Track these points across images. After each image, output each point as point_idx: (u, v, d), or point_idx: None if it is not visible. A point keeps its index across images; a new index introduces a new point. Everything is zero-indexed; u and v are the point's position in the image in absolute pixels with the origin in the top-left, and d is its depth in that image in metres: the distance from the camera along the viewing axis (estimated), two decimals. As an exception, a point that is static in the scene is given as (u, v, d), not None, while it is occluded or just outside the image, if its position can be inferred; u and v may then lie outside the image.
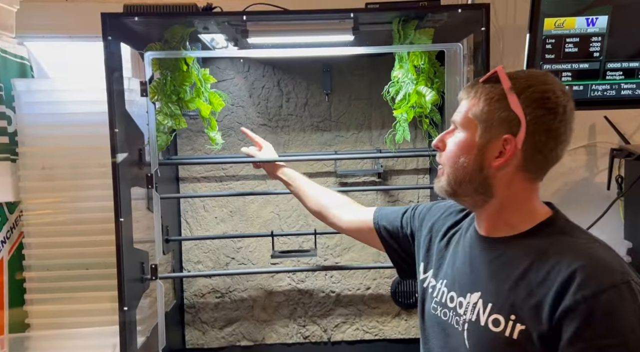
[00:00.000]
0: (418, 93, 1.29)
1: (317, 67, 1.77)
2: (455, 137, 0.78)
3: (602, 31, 1.50)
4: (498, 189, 0.76)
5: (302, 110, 1.79)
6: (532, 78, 0.74)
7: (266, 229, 1.79)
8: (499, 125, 0.73)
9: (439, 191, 0.81)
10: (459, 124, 0.78)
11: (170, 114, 1.30)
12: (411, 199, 1.83)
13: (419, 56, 1.28)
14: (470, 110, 0.76)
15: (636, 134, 1.80)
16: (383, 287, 1.83)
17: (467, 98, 0.78)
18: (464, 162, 0.76)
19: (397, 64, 1.34)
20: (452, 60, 1.26)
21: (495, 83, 0.74)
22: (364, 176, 1.82)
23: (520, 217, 0.76)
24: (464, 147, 0.76)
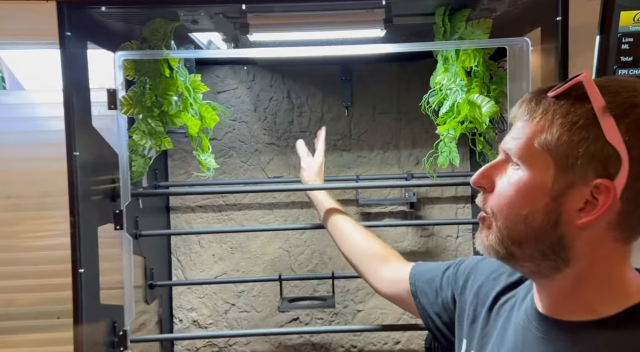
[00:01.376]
0: (470, 103, 0.98)
1: (335, 75, 1.48)
2: (511, 175, 0.55)
3: (693, 27, 1.19)
4: (578, 255, 0.53)
5: (317, 126, 1.50)
6: (635, 92, 0.51)
7: (273, 269, 1.48)
8: (586, 164, 0.50)
9: (486, 250, 0.58)
10: (517, 156, 0.54)
11: (149, 131, 1.02)
12: (449, 234, 1.51)
13: (471, 56, 0.98)
14: (536, 138, 0.52)
15: None
16: (416, 341, 1.51)
17: (529, 118, 0.54)
18: (527, 215, 0.53)
19: (441, 67, 1.04)
20: (516, 60, 0.96)
21: (578, 99, 0.51)
22: (392, 205, 1.52)
23: (605, 296, 0.53)
24: (529, 194, 0.53)
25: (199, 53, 1.15)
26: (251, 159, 1.49)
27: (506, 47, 0.96)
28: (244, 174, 1.49)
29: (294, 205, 1.50)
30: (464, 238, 1.52)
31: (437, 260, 1.51)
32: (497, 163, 0.57)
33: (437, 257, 1.51)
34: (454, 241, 1.52)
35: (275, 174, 1.49)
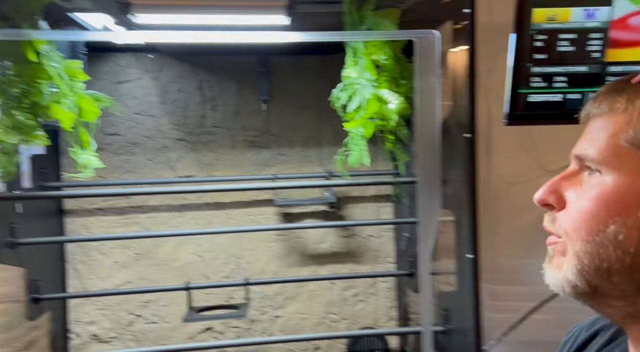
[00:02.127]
0: (379, 99, 0.92)
1: (251, 67, 1.39)
2: (592, 186, 0.42)
3: (603, 26, 1.20)
4: None
5: (233, 121, 1.40)
6: None
7: (185, 276, 1.37)
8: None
9: (559, 285, 0.43)
10: (597, 159, 0.42)
11: (16, 125, 0.88)
12: (371, 233, 1.46)
13: (380, 48, 0.92)
14: (622, 134, 0.41)
15: None
16: (336, 346, 1.45)
17: (607, 112, 0.42)
18: (616, 233, 0.40)
19: (350, 60, 0.97)
20: (424, 54, 0.90)
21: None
22: (313, 205, 1.45)
23: None
24: (617, 204, 0.40)
25: (68, 35, 1.01)
26: (158, 156, 1.37)
27: (414, 40, 0.90)
28: (150, 172, 1.36)
29: (207, 206, 1.39)
30: (386, 238, 1.47)
31: (359, 260, 1.46)
32: (569, 174, 0.45)
33: (359, 257, 1.46)
34: (375, 241, 1.47)
35: (185, 173, 1.38)
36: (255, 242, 1.42)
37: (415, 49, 0.91)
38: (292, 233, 1.43)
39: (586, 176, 0.43)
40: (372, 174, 1.37)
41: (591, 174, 0.42)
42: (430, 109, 0.90)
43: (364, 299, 1.45)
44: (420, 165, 0.94)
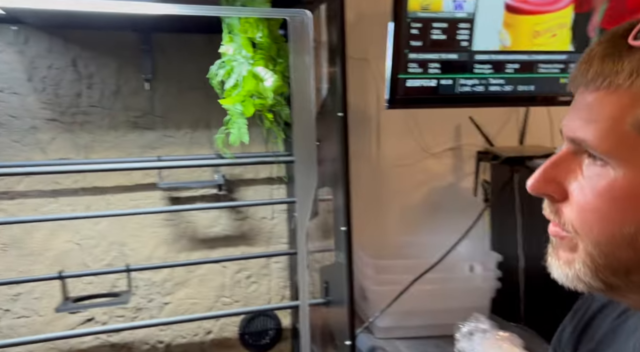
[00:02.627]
0: (255, 76, 0.92)
1: (132, 44, 1.31)
2: (596, 177, 0.38)
3: (470, 16, 1.30)
4: None
5: (112, 101, 1.32)
6: None
7: (61, 266, 1.28)
8: None
9: (571, 283, 0.41)
10: (601, 148, 0.37)
11: None
12: (264, 215, 1.47)
13: (255, 26, 0.92)
14: (627, 115, 0.35)
15: (499, 135, 1.68)
16: (229, 328, 1.45)
17: (606, 87, 0.36)
18: (635, 234, 0.36)
19: (226, 36, 0.96)
20: (298, 33, 0.92)
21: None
22: (203, 188, 1.42)
23: None
24: (632, 202, 0.36)
25: None
26: (26, 137, 1.26)
27: (287, 19, 0.92)
28: (17, 155, 1.25)
29: (84, 191, 1.31)
30: (279, 219, 1.49)
31: (252, 243, 1.47)
32: (563, 157, 0.40)
33: (252, 239, 1.46)
34: (269, 223, 1.48)
35: (58, 155, 1.28)
36: (141, 228, 1.36)
37: (289, 28, 0.93)
38: (180, 217, 1.39)
39: (586, 161, 0.39)
40: (264, 156, 1.38)
41: (592, 160, 0.38)
42: (305, 88, 0.92)
43: (257, 281, 1.46)
44: (297, 145, 0.96)
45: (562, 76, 1.38)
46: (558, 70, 1.37)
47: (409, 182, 1.66)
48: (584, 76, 0.37)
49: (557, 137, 1.70)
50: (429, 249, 1.43)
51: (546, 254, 0.46)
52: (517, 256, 1.47)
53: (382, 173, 1.64)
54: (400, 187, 1.65)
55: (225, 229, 1.44)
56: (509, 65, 1.35)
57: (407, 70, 1.31)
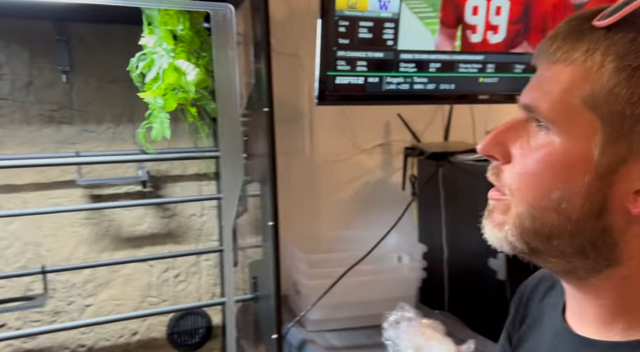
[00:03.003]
0: (176, 70, 0.90)
1: (46, 34, 1.24)
2: (540, 146, 0.40)
3: (395, 16, 1.35)
4: (628, 252, 0.40)
5: (25, 93, 1.24)
6: None
7: (-32, 270, 1.19)
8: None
9: (498, 243, 0.43)
10: (547, 115, 0.39)
11: None
12: (193, 212, 1.44)
13: (176, 18, 0.90)
14: (578, 90, 0.38)
15: (426, 132, 1.76)
16: (157, 328, 1.41)
17: (564, 60, 0.39)
18: (561, 200, 0.39)
19: (146, 28, 0.93)
20: (220, 27, 0.91)
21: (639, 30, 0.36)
22: (127, 185, 1.37)
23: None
24: (565, 169, 0.38)
25: None
26: None
27: (209, 12, 0.90)
28: None
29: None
30: (209, 216, 1.46)
31: (181, 241, 1.44)
32: (515, 124, 0.42)
33: (181, 237, 1.43)
34: (198, 220, 1.45)
35: (-37, 151, 1.19)
36: (59, 228, 1.29)
37: (212, 22, 0.92)
38: (103, 216, 1.33)
39: (534, 128, 0.41)
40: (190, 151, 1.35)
41: (539, 128, 0.40)
42: (229, 82, 0.92)
43: (186, 279, 1.43)
44: (223, 139, 0.96)
45: (480, 76, 1.47)
46: (476, 70, 1.45)
47: (341, 178, 1.69)
48: (547, 50, 0.40)
49: (478, 133, 1.80)
50: (360, 242, 1.47)
51: (468, 245, 0.49)
52: (442, 246, 1.54)
53: (315, 169, 1.66)
54: (332, 183, 1.69)
55: (152, 227, 1.40)
56: (432, 65, 1.41)
57: (336, 67, 1.33)
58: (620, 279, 0.40)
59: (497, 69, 1.45)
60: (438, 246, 1.56)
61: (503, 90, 1.48)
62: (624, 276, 0.40)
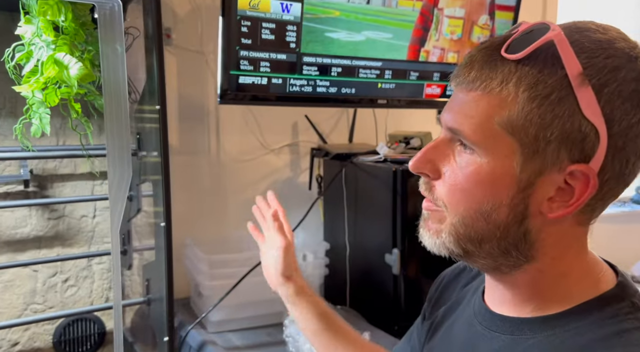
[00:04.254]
0: (57, 63, 0.85)
1: None
2: (467, 165, 0.44)
3: (297, 19, 1.38)
4: (544, 250, 0.45)
5: None
6: (611, 49, 0.41)
7: None
8: (559, 146, 0.41)
9: (436, 249, 0.48)
10: (471, 139, 0.43)
11: None
12: (84, 214, 1.36)
13: (56, 9, 0.85)
14: (496, 116, 0.42)
15: (332, 133, 1.81)
16: (41, 337, 1.31)
17: (481, 88, 0.42)
18: (490, 211, 0.44)
19: (24, 17, 0.87)
20: (107, 21, 0.87)
21: (547, 63, 0.40)
22: (7, 184, 1.26)
23: (563, 290, 0.47)
24: (492, 186, 0.43)
25: None
26: None
27: (94, 5, 0.87)
28: None
29: None
30: (102, 217, 1.39)
31: (70, 244, 1.36)
32: (440, 143, 0.46)
33: (70, 239, 1.35)
34: (90, 221, 1.38)
35: None
36: None
37: (98, 16, 0.88)
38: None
39: (458, 148, 0.46)
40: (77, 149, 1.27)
41: (463, 148, 0.45)
42: (117, 78, 0.88)
43: (76, 284, 1.35)
44: (109, 136, 0.92)
45: (379, 81, 1.55)
46: (375, 76, 1.53)
47: (248, 177, 1.69)
48: (465, 77, 0.44)
49: (380, 136, 1.89)
50: (265, 242, 1.47)
51: (368, 241, 0.54)
52: (345, 243, 1.60)
53: (222, 168, 1.64)
54: (239, 182, 1.68)
55: (37, 230, 1.30)
56: (333, 69, 1.46)
57: (239, 67, 1.33)
58: (536, 272, 0.47)
59: (394, 76, 1.54)
60: (341, 243, 1.62)
61: (401, 96, 1.57)
62: (538, 269, 0.46)
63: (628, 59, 0.41)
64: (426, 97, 1.59)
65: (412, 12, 1.47)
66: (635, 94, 0.40)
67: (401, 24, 1.48)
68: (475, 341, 0.51)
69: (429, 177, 0.48)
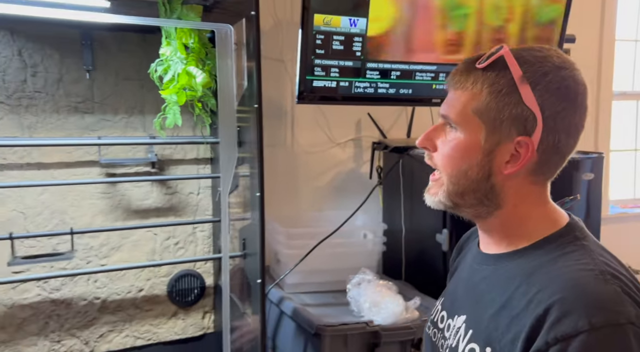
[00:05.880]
0: (188, 74, 1.18)
1: (74, 39, 1.50)
2: (451, 138, 0.65)
3: (362, 32, 1.64)
4: (507, 199, 0.64)
5: (55, 87, 1.50)
6: (545, 61, 0.61)
7: (5, 232, 1.44)
8: (510, 125, 0.61)
9: (434, 204, 0.68)
10: (454, 121, 0.64)
11: None
12: (191, 191, 1.72)
13: (188, 34, 1.18)
14: (469, 105, 0.62)
15: (392, 129, 2.04)
16: (158, 287, 1.68)
17: (461, 88, 0.63)
18: (467, 170, 0.64)
19: (165, 40, 1.21)
20: (222, 42, 1.19)
21: (501, 70, 0.61)
22: (137, 165, 1.63)
23: (522, 232, 0.65)
24: (466, 152, 0.63)
25: None
26: (-24, 117, 1.41)
27: (215, 31, 1.18)
28: (-35, 133, 1.40)
29: (29, 166, 1.48)
30: (204, 194, 1.74)
31: (180, 214, 1.71)
32: (438, 127, 0.67)
33: (180, 211, 1.70)
34: (195, 197, 1.73)
35: (5, 134, 1.44)
36: (80, 200, 1.55)
37: (216, 38, 1.20)
38: (116, 191, 1.60)
39: (448, 129, 0.64)
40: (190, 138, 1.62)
41: (451, 129, 0.64)
42: (228, 84, 1.20)
43: (184, 247, 1.71)
44: (222, 129, 1.24)
45: (434, 83, 1.77)
46: (430, 78, 1.76)
47: (317, 167, 1.98)
48: (452, 81, 0.65)
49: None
50: (332, 221, 1.75)
51: (421, 224, 0.80)
52: (401, 225, 1.83)
53: (296, 158, 1.94)
54: (310, 171, 1.97)
55: (156, 202, 1.67)
56: (393, 73, 1.71)
57: (313, 73, 1.62)
58: (504, 216, 0.65)
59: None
60: (398, 225, 1.85)
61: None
62: (505, 214, 0.65)
63: (557, 68, 0.61)
64: (476, 96, 1.79)
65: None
66: (559, 90, 0.60)
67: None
68: (471, 275, 0.70)
69: (429, 150, 0.68)
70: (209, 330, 1.75)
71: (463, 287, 0.72)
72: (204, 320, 1.75)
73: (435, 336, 0.74)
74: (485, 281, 0.66)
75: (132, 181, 1.58)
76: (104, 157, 1.54)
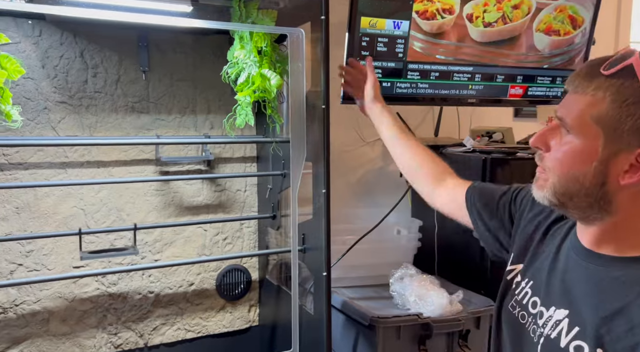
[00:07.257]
0: (262, 76, 1.24)
1: (131, 41, 1.54)
2: (566, 142, 0.64)
3: (404, 34, 1.71)
4: (620, 207, 0.63)
5: (114, 87, 1.54)
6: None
7: (67, 228, 1.48)
8: (631, 135, 0.59)
9: (541, 200, 0.69)
10: (569, 125, 0.63)
11: None
12: (239, 188, 1.77)
13: (262, 38, 1.23)
14: (588, 111, 0.60)
15: (418, 128, 2.11)
16: (208, 281, 1.73)
17: (582, 92, 0.62)
18: (579, 176, 0.63)
19: (238, 44, 1.26)
20: (294, 45, 1.24)
21: (627, 78, 0.59)
22: (189, 164, 1.68)
23: (634, 241, 0.64)
24: (580, 158, 0.62)
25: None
26: (39, 117, 1.44)
27: (287, 34, 1.24)
28: (31, 132, 1.43)
29: (89, 164, 1.52)
30: (251, 192, 1.79)
31: (228, 211, 1.76)
32: (552, 127, 0.66)
33: (229, 208, 1.75)
34: (242, 195, 1.78)
35: (67, 133, 1.48)
36: (136, 197, 1.59)
37: (288, 41, 1.25)
38: (170, 188, 1.64)
39: (563, 131, 0.64)
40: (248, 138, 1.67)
41: (566, 132, 0.63)
42: (299, 86, 1.25)
43: (232, 242, 1.76)
44: (293, 129, 1.29)
45: (470, 83, 1.85)
46: (466, 79, 1.83)
47: (348, 165, 2.04)
48: (572, 83, 0.63)
49: (463, 131, 2.17)
50: (367, 218, 1.82)
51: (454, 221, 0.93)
52: (434, 222, 1.90)
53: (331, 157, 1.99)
54: (342, 168, 2.03)
55: (206, 199, 1.72)
56: (432, 74, 1.78)
57: (358, 74, 1.68)
58: (614, 223, 0.64)
59: (482, 78, 1.83)
60: (431, 222, 1.92)
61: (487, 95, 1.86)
62: (615, 221, 0.64)
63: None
64: (510, 97, 1.87)
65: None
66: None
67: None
68: (572, 268, 0.69)
69: (542, 150, 0.68)
70: (254, 323, 1.81)
71: (560, 277, 0.71)
72: (250, 313, 1.80)
73: (524, 318, 0.75)
74: (598, 282, 0.66)
75: (190, 178, 1.63)
76: (163, 155, 1.58)
